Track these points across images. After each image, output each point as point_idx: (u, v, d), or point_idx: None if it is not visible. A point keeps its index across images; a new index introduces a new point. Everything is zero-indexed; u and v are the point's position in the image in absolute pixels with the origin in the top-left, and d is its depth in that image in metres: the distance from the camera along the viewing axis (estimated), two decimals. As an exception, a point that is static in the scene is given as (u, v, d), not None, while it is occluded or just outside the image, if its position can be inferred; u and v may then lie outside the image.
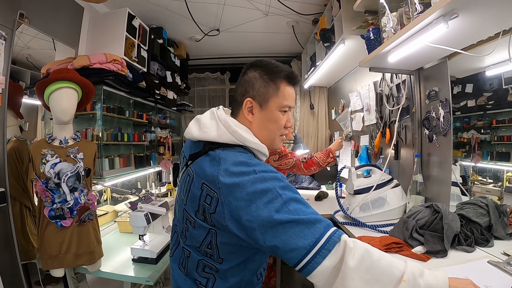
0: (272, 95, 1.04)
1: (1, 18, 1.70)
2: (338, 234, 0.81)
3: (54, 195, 1.76)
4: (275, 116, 1.05)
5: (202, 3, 2.78)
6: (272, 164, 2.38)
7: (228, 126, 0.99)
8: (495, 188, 1.66)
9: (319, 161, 2.39)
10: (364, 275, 0.76)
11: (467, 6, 1.17)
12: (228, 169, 0.89)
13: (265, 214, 0.82)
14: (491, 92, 1.65)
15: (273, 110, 1.04)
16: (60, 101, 1.82)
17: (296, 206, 0.84)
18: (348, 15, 2.25)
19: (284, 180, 0.90)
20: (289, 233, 0.80)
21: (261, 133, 1.06)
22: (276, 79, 1.04)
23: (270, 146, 1.10)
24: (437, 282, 0.79)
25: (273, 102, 1.04)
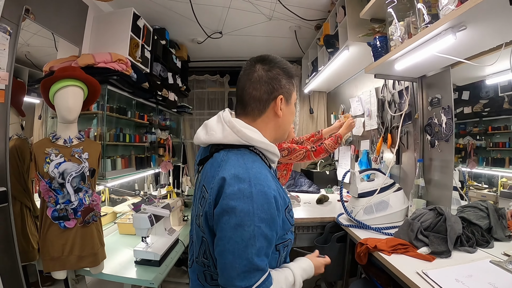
0: (292, 90, 1.07)
1: (6, 12, 1.66)
2: (267, 285, 0.86)
3: (58, 195, 1.73)
4: (293, 109, 1.10)
5: (207, 5, 2.78)
6: (282, 160, 2.40)
7: (232, 126, 0.96)
8: (490, 193, 1.72)
9: (327, 148, 2.40)
10: None
11: (476, 19, 1.23)
12: (229, 182, 0.86)
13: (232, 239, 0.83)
14: (487, 100, 1.71)
15: (292, 103, 1.08)
16: (66, 99, 1.78)
17: (262, 244, 0.84)
18: (353, 22, 2.29)
19: (269, 208, 0.86)
20: (236, 266, 0.82)
21: (282, 127, 1.07)
22: (291, 73, 1.05)
23: (282, 137, 1.13)
24: (308, 273, 1.10)
25: (293, 96, 1.08)
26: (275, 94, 1.01)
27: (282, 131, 1.09)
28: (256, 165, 0.92)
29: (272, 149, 1.01)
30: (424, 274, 1.23)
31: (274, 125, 1.05)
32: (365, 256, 1.58)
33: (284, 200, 0.95)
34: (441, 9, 1.32)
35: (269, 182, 0.88)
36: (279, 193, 0.92)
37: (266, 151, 1.01)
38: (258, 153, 0.99)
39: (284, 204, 0.94)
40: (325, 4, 2.76)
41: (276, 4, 2.75)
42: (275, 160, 1.06)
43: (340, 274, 2.12)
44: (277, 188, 0.93)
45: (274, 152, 1.02)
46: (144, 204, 2.08)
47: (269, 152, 1.01)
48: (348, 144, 3.28)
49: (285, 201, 0.95)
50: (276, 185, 0.94)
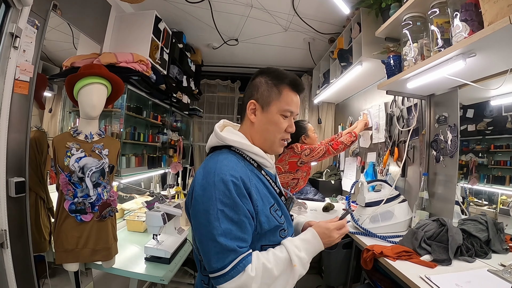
0: (274, 99, 1.08)
1: (35, 6, 1.69)
2: (244, 264, 0.91)
3: (77, 189, 1.76)
4: (276, 119, 1.09)
5: (226, 13, 2.88)
6: (304, 159, 2.58)
7: (214, 131, 1.11)
8: (489, 209, 1.77)
9: (344, 141, 2.63)
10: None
11: (485, 47, 1.33)
12: (200, 176, 1.00)
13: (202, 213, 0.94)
14: (491, 118, 1.77)
15: (274, 113, 1.09)
16: (90, 96, 1.82)
17: (228, 226, 0.92)
18: (367, 39, 2.38)
19: (228, 196, 0.93)
20: (210, 249, 0.92)
21: (261, 134, 1.11)
22: (280, 85, 1.09)
23: (270, 148, 1.14)
24: (312, 243, 1.05)
25: (274, 105, 1.08)
26: (250, 99, 1.12)
27: (263, 138, 1.12)
28: (227, 160, 1.01)
29: (252, 149, 1.08)
30: (427, 278, 1.30)
31: (254, 130, 1.12)
32: (370, 262, 1.65)
33: (267, 198, 1.04)
34: (454, 35, 1.40)
35: (232, 171, 0.96)
36: (257, 188, 1.02)
37: (246, 151, 1.08)
38: (239, 153, 1.08)
39: (268, 203, 1.03)
40: (340, 19, 2.85)
41: (293, 16, 2.85)
42: (262, 162, 1.11)
43: (343, 280, 2.18)
44: (252, 182, 1.01)
45: (257, 153, 1.09)
46: (158, 203, 2.13)
47: (250, 153, 1.09)
48: (355, 155, 3.36)
49: (268, 200, 1.04)
50: (255, 183, 1.03)
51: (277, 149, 1.16)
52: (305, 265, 0.99)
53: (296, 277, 0.97)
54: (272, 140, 1.12)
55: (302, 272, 0.98)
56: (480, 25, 1.27)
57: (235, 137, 1.09)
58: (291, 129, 1.13)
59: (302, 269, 0.98)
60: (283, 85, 1.09)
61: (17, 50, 1.60)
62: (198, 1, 2.69)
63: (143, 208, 2.69)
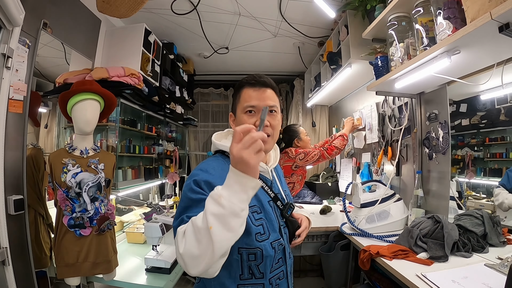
0: (237, 103, 1.15)
1: (25, 26, 1.71)
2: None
3: (75, 204, 1.78)
4: (240, 119, 1.11)
5: (215, 22, 2.91)
6: (299, 163, 2.62)
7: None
8: (488, 202, 1.78)
9: (337, 146, 2.69)
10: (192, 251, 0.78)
11: (469, 44, 1.36)
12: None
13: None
14: (484, 112, 1.78)
15: (239, 115, 1.13)
16: (84, 112, 1.84)
17: (185, 205, 0.96)
18: (355, 41, 2.41)
19: (191, 184, 0.98)
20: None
21: None
22: (239, 88, 1.15)
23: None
24: (231, 179, 0.82)
25: (238, 109, 1.14)
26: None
27: None
28: (213, 162, 1.08)
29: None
30: (423, 276, 1.31)
31: None
32: (368, 262, 1.66)
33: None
34: (438, 33, 1.43)
35: (203, 172, 1.01)
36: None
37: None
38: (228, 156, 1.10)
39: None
40: (328, 22, 2.88)
41: (281, 22, 2.89)
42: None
43: (343, 281, 2.20)
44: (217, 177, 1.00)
45: None
46: (156, 214, 2.15)
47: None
48: (350, 156, 3.38)
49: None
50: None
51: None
52: (219, 201, 0.76)
53: (209, 217, 0.75)
54: None
55: (213, 209, 0.76)
56: (463, 22, 1.29)
57: (225, 142, 1.16)
58: (258, 123, 1.06)
59: (212, 206, 0.76)
60: (241, 86, 1.15)
61: (10, 70, 1.62)
62: (187, 12, 2.72)
63: (142, 220, 2.70)
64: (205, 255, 0.76)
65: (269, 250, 1.03)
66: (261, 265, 1.03)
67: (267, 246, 1.03)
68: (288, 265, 1.15)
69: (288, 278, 1.15)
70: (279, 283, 1.10)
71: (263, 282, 1.04)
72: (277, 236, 1.09)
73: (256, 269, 1.03)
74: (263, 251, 1.02)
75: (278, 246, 1.08)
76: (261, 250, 1.01)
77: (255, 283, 1.03)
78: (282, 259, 1.12)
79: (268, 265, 1.05)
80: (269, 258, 1.04)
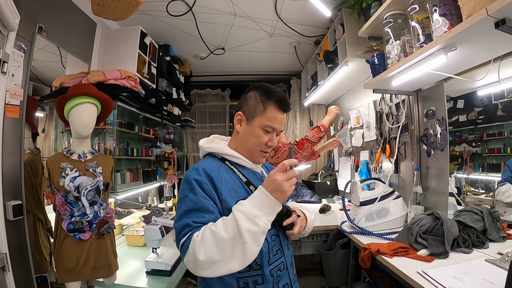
0: (258, 114, 1.17)
1: (21, 30, 1.71)
2: (193, 233, 0.96)
3: (73, 208, 1.77)
4: (257, 133, 1.17)
5: (211, 23, 2.90)
6: (270, 160, 2.45)
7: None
8: (487, 198, 1.79)
9: (309, 138, 2.53)
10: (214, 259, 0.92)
11: (465, 40, 1.36)
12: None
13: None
14: (482, 107, 1.79)
15: (256, 126, 1.17)
16: (81, 116, 1.83)
17: (188, 207, 1.03)
18: (351, 40, 2.41)
19: (188, 183, 1.07)
20: (176, 231, 1.02)
21: (243, 144, 1.21)
22: (266, 101, 1.17)
23: (250, 157, 1.22)
24: (260, 197, 0.99)
25: (257, 120, 1.16)
26: (238, 110, 1.23)
27: (244, 147, 1.21)
28: (204, 163, 1.15)
29: (225, 151, 1.20)
30: (424, 273, 1.31)
31: (238, 139, 1.23)
32: (368, 260, 1.66)
33: (236, 192, 1.11)
34: (434, 30, 1.43)
35: (197, 171, 1.09)
36: (226, 181, 1.11)
37: (222, 154, 1.21)
38: (217, 157, 1.21)
39: (237, 196, 1.10)
40: (324, 21, 2.89)
41: (277, 21, 2.89)
42: (238, 162, 1.21)
43: (344, 279, 2.20)
44: (222, 176, 1.12)
45: (230, 154, 1.20)
46: (155, 216, 2.14)
47: (225, 155, 1.21)
48: (348, 155, 3.38)
49: (237, 194, 1.11)
50: (226, 177, 1.13)
51: (257, 159, 1.23)
52: (254, 220, 0.92)
53: (245, 233, 0.90)
54: (252, 151, 1.20)
55: (250, 227, 0.91)
56: (459, 18, 1.29)
57: (214, 144, 1.23)
58: (271, 143, 1.19)
59: (249, 224, 0.91)
60: (269, 101, 1.17)
61: (6, 75, 1.61)
62: (182, 13, 2.72)
63: (141, 223, 2.69)
64: (225, 262, 0.91)
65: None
66: (257, 257, 1.04)
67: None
68: (287, 256, 1.19)
69: (289, 269, 1.18)
70: (280, 274, 1.14)
71: (261, 273, 1.08)
72: (272, 232, 1.14)
73: (253, 261, 1.03)
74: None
75: (271, 237, 1.13)
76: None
77: (254, 274, 1.08)
78: (280, 251, 1.16)
79: (264, 257, 1.09)
80: (264, 250, 1.08)
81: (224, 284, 1.07)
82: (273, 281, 1.10)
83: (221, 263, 0.91)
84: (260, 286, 1.07)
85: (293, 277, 1.20)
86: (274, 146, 1.22)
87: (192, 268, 0.94)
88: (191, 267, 0.94)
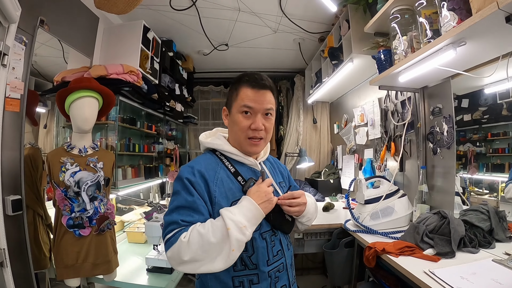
0: (233, 100, 1.14)
1: (22, 23, 1.69)
2: (180, 232, 0.96)
3: (73, 203, 1.75)
4: (236, 119, 1.13)
5: (215, 18, 2.87)
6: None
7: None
8: (491, 198, 1.76)
9: None
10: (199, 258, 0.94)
11: (475, 35, 1.32)
12: None
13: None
14: (486, 107, 1.77)
15: (234, 113, 1.13)
16: (82, 110, 1.81)
17: (179, 204, 1.03)
18: (357, 36, 2.38)
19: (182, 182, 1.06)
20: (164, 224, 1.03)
21: (232, 136, 1.19)
22: (238, 85, 1.14)
23: (242, 149, 1.17)
24: (247, 207, 1.01)
25: (234, 107, 1.14)
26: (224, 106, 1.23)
27: (233, 139, 1.18)
28: (200, 161, 1.14)
29: (222, 148, 1.16)
30: (431, 273, 1.28)
31: (229, 133, 1.22)
32: (373, 259, 1.63)
33: (232, 192, 1.09)
34: (442, 25, 1.39)
35: (190, 169, 1.09)
36: (222, 181, 1.09)
37: (220, 150, 1.18)
38: (216, 154, 1.18)
39: (232, 197, 1.08)
40: (328, 17, 2.86)
41: (282, 17, 2.86)
42: (238, 159, 1.17)
43: (348, 278, 2.17)
44: (218, 175, 1.10)
45: (228, 151, 1.16)
46: (156, 213, 2.12)
47: (224, 151, 1.17)
48: (352, 153, 3.35)
49: (233, 194, 1.09)
50: (223, 176, 1.11)
51: (247, 148, 1.17)
52: (243, 230, 0.95)
53: (233, 242, 0.93)
54: (240, 140, 1.15)
55: (239, 237, 0.94)
56: (469, 13, 1.26)
57: (213, 140, 1.20)
58: (255, 125, 1.11)
59: (238, 233, 0.94)
60: (240, 84, 1.14)
61: (6, 68, 1.59)
62: (185, 8, 2.69)
63: (142, 219, 2.67)
64: (207, 262, 0.93)
65: (258, 240, 1.07)
66: (253, 256, 1.06)
67: (257, 237, 1.07)
68: (287, 257, 1.16)
69: (288, 270, 1.15)
70: (279, 275, 1.11)
71: (257, 273, 1.06)
72: (267, 227, 1.11)
73: (249, 260, 1.06)
74: (253, 242, 1.05)
75: (270, 236, 1.11)
76: (251, 241, 1.04)
77: (249, 273, 1.06)
78: (281, 251, 1.13)
79: (261, 257, 1.06)
80: (261, 249, 1.07)
81: (219, 282, 1.06)
82: (271, 282, 1.07)
83: (203, 262, 0.94)
84: (256, 286, 1.05)
85: (292, 278, 1.18)
86: (260, 129, 1.12)
87: (173, 264, 0.97)
88: (173, 263, 0.97)
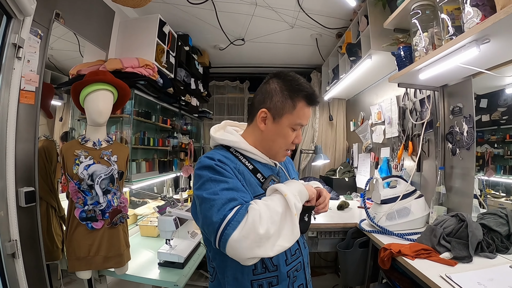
0: (287, 112, 1.05)
1: (37, 16, 1.68)
2: (246, 206, 0.86)
3: (87, 196, 1.76)
4: (285, 132, 1.07)
5: (231, 13, 2.85)
6: None
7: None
8: (507, 201, 1.70)
9: None
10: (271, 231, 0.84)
11: (499, 32, 1.26)
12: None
13: (197, 192, 0.95)
14: (505, 108, 1.70)
15: (284, 126, 1.06)
16: (96, 103, 1.80)
17: (223, 187, 0.92)
18: (376, 32, 2.31)
19: (212, 168, 0.96)
20: (212, 212, 0.87)
21: (267, 143, 1.10)
22: (295, 98, 1.05)
23: (273, 157, 1.13)
24: (296, 183, 1.00)
25: (286, 118, 1.05)
26: (261, 106, 1.08)
27: (268, 147, 1.10)
28: (215, 152, 1.04)
29: (239, 145, 1.08)
30: (447, 277, 1.25)
31: (259, 135, 1.10)
32: (388, 261, 1.60)
33: (254, 187, 1.04)
34: (465, 21, 1.34)
35: (210, 159, 0.99)
36: (244, 174, 1.03)
37: (238, 149, 1.09)
38: (231, 151, 1.09)
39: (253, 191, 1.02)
40: (347, 13, 2.80)
41: (299, 12, 2.81)
42: (253, 157, 1.10)
43: (361, 279, 2.13)
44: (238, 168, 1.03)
45: (244, 149, 1.09)
46: (169, 207, 2.12)
47: (240, 149, 1.09)
48: (368, 151, 3.29)
49: (254, 189, 1.03)
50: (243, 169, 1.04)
51: (280, 159, 1.14)
52: (297, 198, 0.92)
53: (293, 208, 0.88)
54: (277, 151, 1.11)
55: (296, 203, 0.90)
56: (492, 9, 1.20)
57: (227, 136, 1.10)
58: (298, 140, 1.11)
59: (295, 199, 0.90)
60: (298, 97, 1.05)
61: (21, 61, 1.60)
62: (201, 2, 2.67)
63: (155, 213, 2.69)
64: (277, 237, 0.85)
65: None
66: (274, 258, 1.01)
67: None
68: (304, 256, 1.14)
69: (306, 269, 1.13)
70: (297, 275, 1.08)
71: (277, 275, 1.02)
72: None
73: (270, 262, 1.02)
74: None
75: None
76: None
77: (269, 276, 1.02)
78: (298, 250, 1.11)
79: (281, 257, 1.03)
80: None
81: (237, 285, 1.01)
82: (289, 282, 1.04)
83: (274, 237, 0.83)
84: (275, 287, 1.02)
85: (308, 277, 1.15)
86: (299, 143, 1.13)
87: (247, 246, 0.81)
88: (246, 244, 0.80)
